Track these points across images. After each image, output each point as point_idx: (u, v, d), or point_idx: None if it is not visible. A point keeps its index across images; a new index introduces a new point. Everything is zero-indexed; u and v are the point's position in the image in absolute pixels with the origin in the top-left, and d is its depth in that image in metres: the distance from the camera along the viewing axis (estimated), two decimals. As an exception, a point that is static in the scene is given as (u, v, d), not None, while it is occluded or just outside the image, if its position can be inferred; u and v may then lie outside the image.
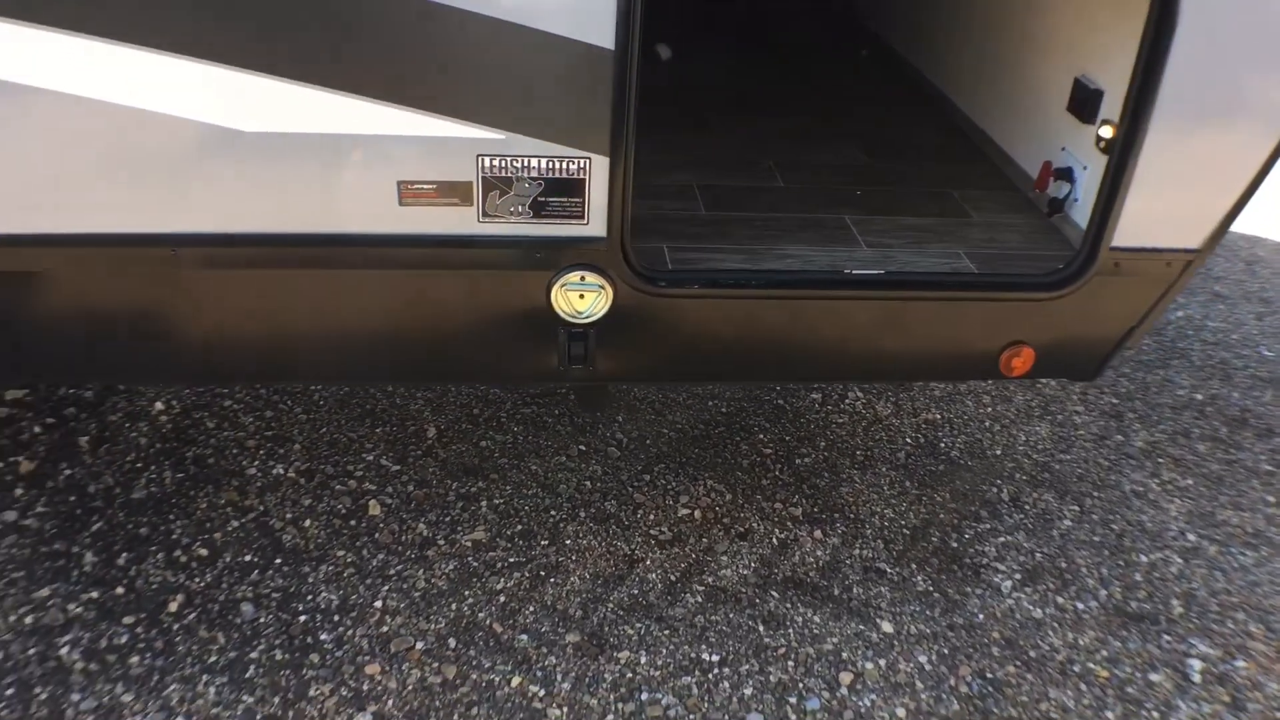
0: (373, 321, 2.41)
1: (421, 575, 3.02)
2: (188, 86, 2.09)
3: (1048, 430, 3.81)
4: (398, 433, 3.56)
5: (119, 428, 3.48)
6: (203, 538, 3.08)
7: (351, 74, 2.09)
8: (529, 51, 2.04)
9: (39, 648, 2.70)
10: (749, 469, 3.51)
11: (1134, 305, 2.48)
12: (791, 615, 2.98)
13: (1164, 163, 2.27)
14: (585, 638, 2.86)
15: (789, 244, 2.57)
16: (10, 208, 2.18)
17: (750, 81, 3.92)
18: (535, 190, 2.20)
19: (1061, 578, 3.17)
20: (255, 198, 2.22)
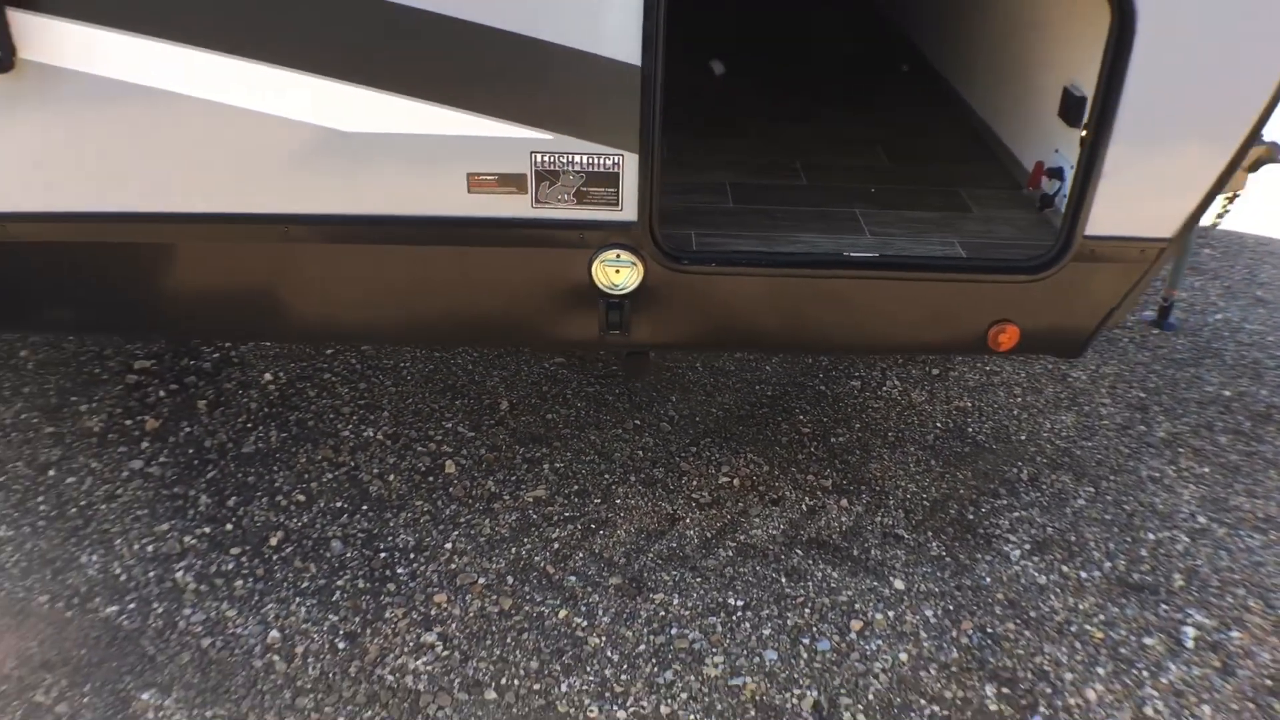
0: (443, 290, 2.84)
1: (487, 524, 3.43)
2: (300, 94, 2.54)
3: (1073, 419, 4.07)
4: (474, 404, 4.00)
5: (233, 394, 3.98)
6: (301, 486, 3.54)
7: (431, 85, 2.52)
8: (572, 67, 2.45)
9: (157, 571, 3.19)
10: (787, 445, 3.86)
11: (1111, 289, 2.77)
12: (812, 570, 3.32)
13: (1131, 161, 2.57)
14: (626, 581, 3.25)
15: (801, 233, 2.94)
16: (153, 190, 2.66)
17: (790, 92, 4.29)
18: (578, 181, 2.61)
19: (1069, 549, 3.45)
20: (352, 185, 2.66)
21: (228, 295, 2.90)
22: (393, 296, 2.87)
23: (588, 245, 2.67)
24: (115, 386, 3.97)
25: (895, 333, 2.90)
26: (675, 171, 3.30)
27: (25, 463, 3.57)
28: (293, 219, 2.71)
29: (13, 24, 2.45)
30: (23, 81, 2.51)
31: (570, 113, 2.52)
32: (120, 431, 3.74)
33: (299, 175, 2.65)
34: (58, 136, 2.60)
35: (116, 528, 3.32)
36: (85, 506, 3.40)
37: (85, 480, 3.50)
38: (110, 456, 3.62)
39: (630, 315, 2.77)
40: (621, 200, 2.61)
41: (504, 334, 3.06)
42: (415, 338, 3.54)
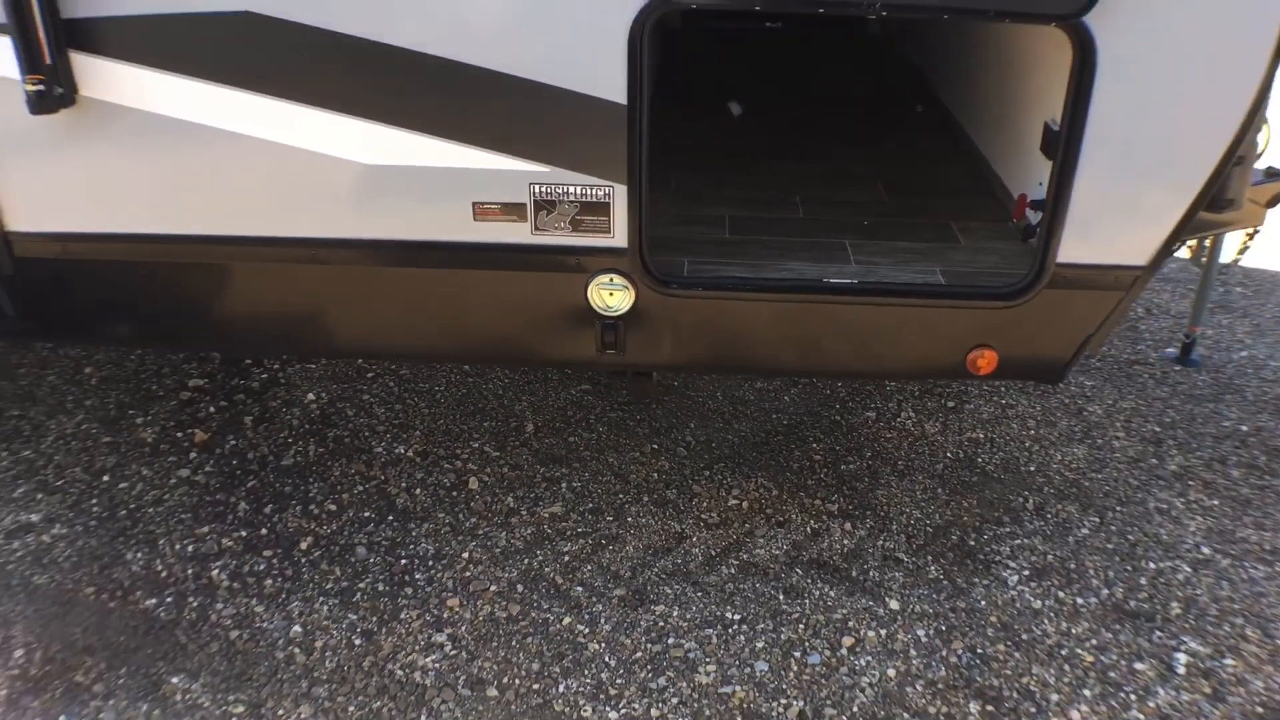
0: (454, 310, 3.06)
1: (503, 536, 3.63)
2: (327, 130, 2.79)
3: (1085, 452, 4.15)
4: (501, 426, 4.21)
5: (277, 411, 4.25)
6: (333, 497, 3.78)
7: (441, 123, 2.76)
8: (565, 107, 2.66)
9: (195, 569, 3.44)
10: (798, 471, 4.00)
11: (1087, 315, 2.89)
12: (810, 589, 3.45)
13: (1099, 190, 2.70)
14: (630, 593, 3.41)
15: (790, 261, 3.11)
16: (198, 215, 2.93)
17: (804, 131, 4.47)
18: (573, 210, 2.81)
19: (1068, 576, 3.53)
20: (373, 213, 2.91)
21: (263, 312, 3.16)
22: (408, 315, 3.10)
23: (584, 269, 2.88)
24: (170, 402, 4.26)
25: (876, 356, 3.05)
26: (678, 204, 3.50)
27: (83, 468, 3.86)
28: (321, 243, 2.96)
29: (75, 65, 2.75)
30: (84, 116, 2.81)
31: (564, 148, 2.74)
32: (171, 442, 4.02)
33: (326, 203, 2.90)
34: (114, 165, 2.89)
35: (161, 529, 3.58)
36: (134, 509, 3.67)
37: (136, 486, 3.78)
38: (160, 465, 3.90)
39: (625, 335, 2.96)
40: (613, 228, 2.81)
41: (510, 351, 3.27)
42: (430, 354, 3.77)
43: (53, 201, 2.96)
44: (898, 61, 5.61)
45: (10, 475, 3.87)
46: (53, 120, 2.77)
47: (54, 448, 4.01)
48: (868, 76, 5.42)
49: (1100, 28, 2.51)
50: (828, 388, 4.48)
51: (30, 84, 2.67)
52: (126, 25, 2.70)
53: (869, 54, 5.79)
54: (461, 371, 4.53)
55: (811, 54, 5.63)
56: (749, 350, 3.07)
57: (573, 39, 2.60)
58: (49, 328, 3.34)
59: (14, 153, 2.88)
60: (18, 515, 3.66)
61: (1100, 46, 2.53)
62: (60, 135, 2.82)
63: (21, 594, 3.33)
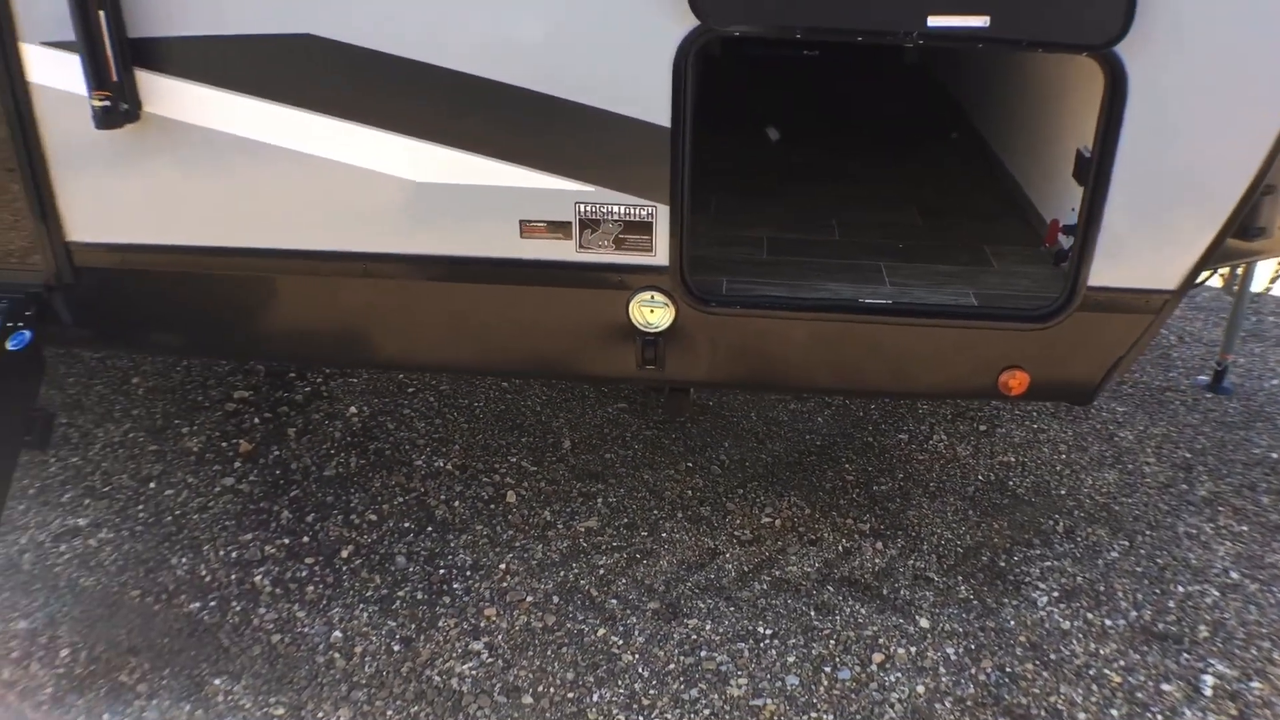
0: (498, 324, 3.14)
1: (540, 549, 3.70)
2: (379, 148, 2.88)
3: (1115, 476, 4.18)
4: (539, 442, 4.29)
5: (320, 423, 4.34)
6: (373, 507, 3.86)
7: (490, 142, 2.84)
8: (611, 129, 2.74)
9: (238, 574, 3.52)
10: (830, 491, 4.06)
11: (1118, 338, 2.94)
12: (841, 606, 3.50)
13: (1130, 214, 2.75)
14: (663, 606, 3.47)
15: (826, 282, 3.18)
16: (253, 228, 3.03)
17: (840, 156, 4.55)
18: (617, 229, 2.90)
19: (1097, 598, 3.56)
20: (422, 229, 2.99)
21: (311, 324, 3.25)
22: (453, 329, 3.18)
23: (626, 287, 2.96)
24: (215, 412, 4.37)
25: (909, 376, 3.11)
26: (718, 225, 3.58)
27: (130, 476, 3.97)
28: (372, 257, 3.05)
29: (140, 82, 2.85)
30: (147, 131, 2.91)
31: (610, 168, 2.82)
32: (216, 452, 4.12)
33: (378, 218, 2.99)
34: (174, 179, 2.99)
35: (205, 535, 3.68)
36: (179, 516, 3.77)
37: (181, 493, 3.88)
38: (206, 473, 4.00)
39: (664, 352, 3.04)
40: (655, 247, 2.89)
41: (552, 366, 3.34)
42: (473, 368, 3.85)
43: (113, 213, 3.06)
44: (933, 89, 5.68)
45: (58, 481, 3.97)
46: (117, 135, 2.87)
47: (101, 455, 4.12)
48: (903, 103, 5.50)
49: (1131, 57, 2.57)
50: (860, 409, 4.54)
51: (97, 100, 2.77)
52: (190, 45, 2.81)
53: (905, 81, 5.88)
54: (500, 387, 4.62)
55: (848, 81, 5.72)
56: (785, 368, 3.14)
57: (621, 64, 2.69)
58: (103, 336, 3.44)
59: (78, 166, 2.98)
60: (65, 519, 3.77)
61: (1131, 75, 2.59)
62: (123, 150, 2.93)
63: (68, 595, 3.42)
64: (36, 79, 2.86)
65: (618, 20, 2.65)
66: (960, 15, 2.51)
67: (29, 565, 3.55)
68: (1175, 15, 2.53)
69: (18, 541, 3.66)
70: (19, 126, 2.91)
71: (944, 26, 2.51)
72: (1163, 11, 2.52)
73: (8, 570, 3.52)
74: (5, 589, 3.44)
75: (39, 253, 3.10)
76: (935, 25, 2.52)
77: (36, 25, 2.80)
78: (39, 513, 3.80)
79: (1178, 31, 2.56)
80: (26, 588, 3.46)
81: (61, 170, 2.99)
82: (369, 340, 3.28)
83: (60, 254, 3.09)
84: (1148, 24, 2.52)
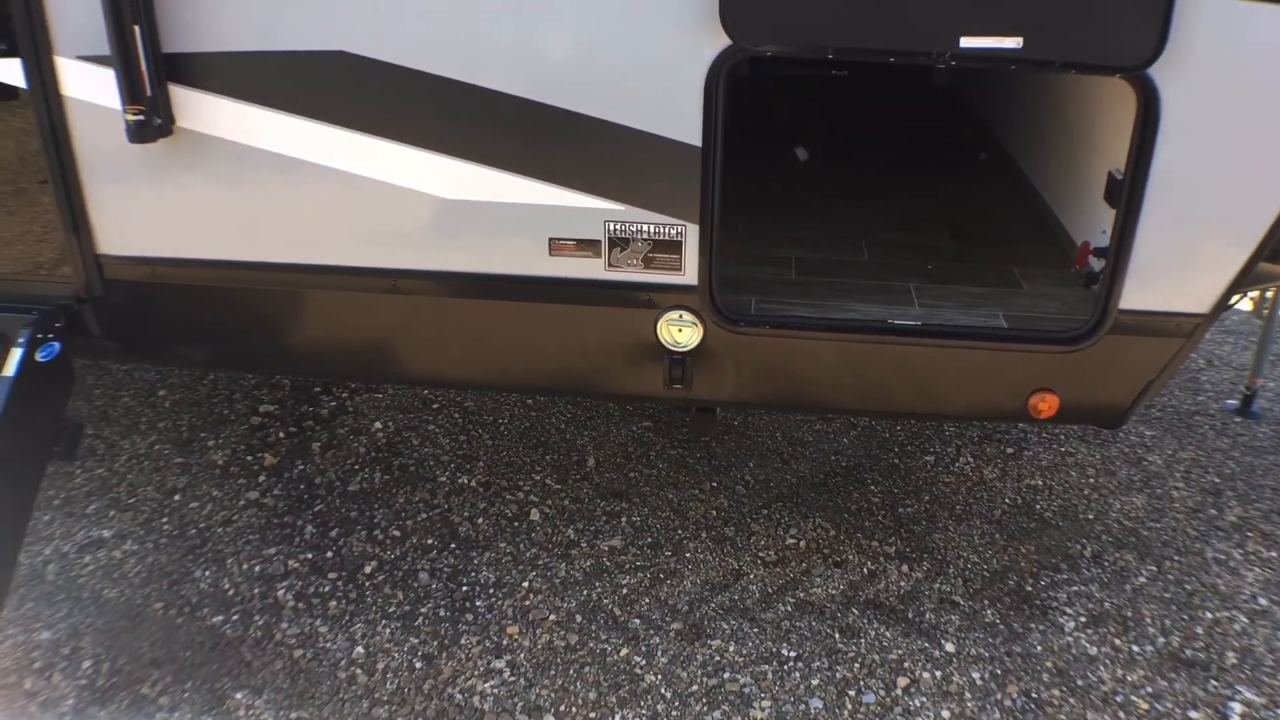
0: (526, 342, 3.14)
1: (563, 567, 3.68)
2: (409, 165, 2.89)
3: (1144, 501, 4.14)
4: (563, 460, 4.28)
5: (344, 438, 4.35)
6: (397, 523, 3.86)
7: (520, 160, 2.85)
8: (641, 147, 2.74)
9: (262, 588, 3.52)
10: (855, 512, 4.03)
11: (1148, 361, 2.91)
12: (866, 629, 3.47)
13: (1161, 237, 2.72)
14: (687, 626, 3.45)
15: (855, 303, 3.16)
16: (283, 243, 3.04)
17: (869, 177, 4.54)
18: (646, 248, 2.89)
19: (1124, 624, 3.52)
20: (451, 245, 2.99)
21: (339, 339, 3.26)
22: (483, 346, 3.18)
23: (654, 306, 2.95)
24: (241, 426, 4.38)
25: (938, 398, 3.09)
26: (747, 245, 3.57)
27: (155, 488, 3.98)
28: (400, 273, 3.06)
29: (174, 97, 2.87)
30: (179, 146, 2.92)
31: (640, 187, 2.82)
32: (241, 465, 4.13)
33: (407, 235, 2.99)
34: (205, 193, 3.01)
35: (229, 548, 3.68)
36: (204, 529, 3.77)
37: (206, 506, 3.89)
38: (230, 487, 4.00)
39: (692, 371, 3.02)
40: (684, 266, 2.88)
41: (578, 384, 3.34)
42: (499, 385, 3.85)
43: (144, 227, 3.08)
44: (962, 109, 5.67)
45: (84, 492, 3.99)
46: (149, 149, 2.89)
47: (127, 467, 4.14)
48: (932, 124, 5.48)
49: (1164, 79, 2.56)
50: (886, 431, 4.52)
51: (131, 114, 2.79)
52: (224, 61, 2.83)
53: (934, 102, 5.86)
54: (525, 405, 4.62)
55: (877, 101, 5.71)
56: (813, 389, 3.12)
57: (652, 83, 2.69)
58: (132, 348, 3.45)
59: (110, 179, 3.00)
60: (90, 531, 3.78)
61: (1164, 98, 2.57)
62: (156, 164, 2.95)
63: (92, 607, 3.43)
64: (71, 92, 2.89)
65: (650, 39, 2.65)
66: (993, 36, 2.50)
67: (53, 576, 3.56)
68: (1209, 37, 2.51)
69: (42, 552, 3.67)
70: (52, 139, 2.94)
71: (977, 48, 2.50)
72: (1196, 33, 2.50)
73: (32, 581, 3.53)
74: (30, 599, 3.45)
75: (69, 265, 3.12)
76: (968, 46, 2.51)
77: (72, 39, 2.82)
78: (64, 524, 3.81)
79: (1211, 54, 2.54)
80: (50, 598, 3.47)
81: (93, 183, 3.01)
82: (395, 356, 3.28)
83: (90, 266, 3.11)
84: (1181, 46, 2.50)
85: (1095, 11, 2.47)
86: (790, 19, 2.57)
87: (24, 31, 2.82)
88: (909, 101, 5.78)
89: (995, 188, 4.38)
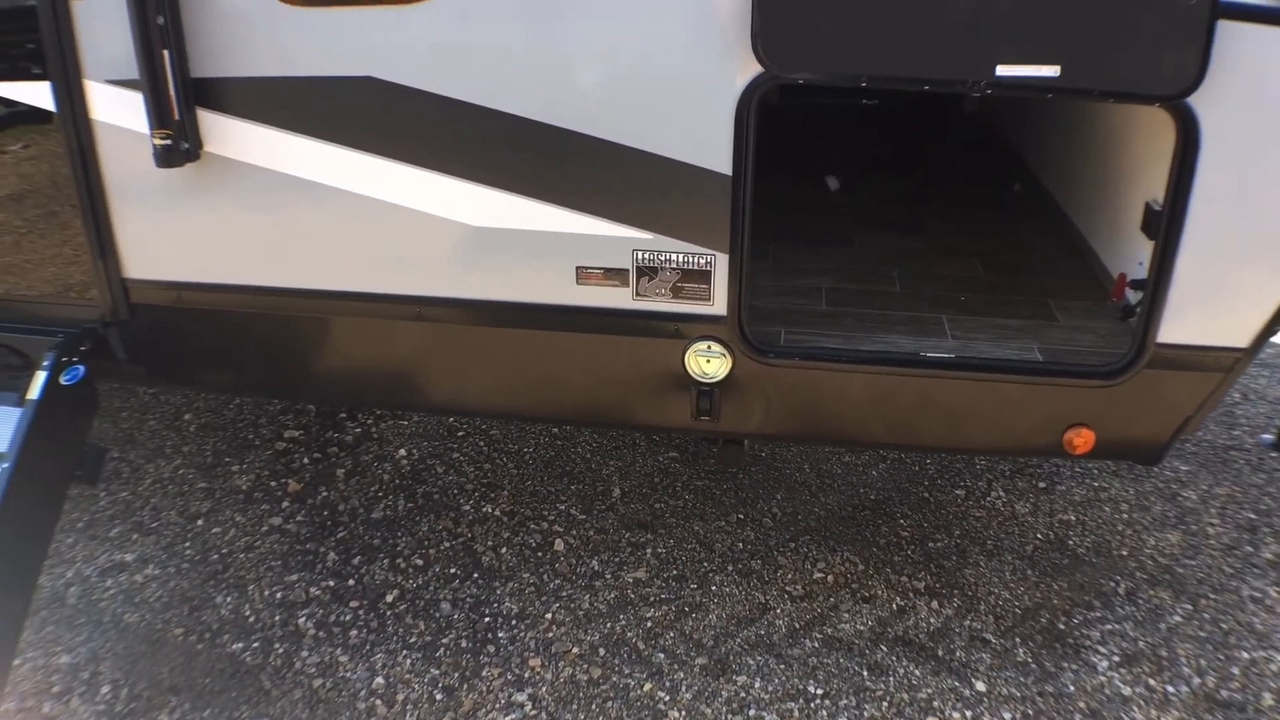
0: (552, 371, 3.10)
1: (587, 599, 3.64)
2: (436, 192, 2.87)
3: (1178, 537, 4.06)
4: (588, 490, 4.24)
5: (369, 465, 4.32)
6: (420, 552, 3.82)
7: (547, 187, 2.82)
8: (670, 176, 2.71)
9: (283, 616, 3.49)
10: (884, 546, 3.97)
11: (1186, 396, 2.84)
12: (895, 667, 3.40)
13: (1201, 270, 2.66)
14: (712, 661, 3.39)
15: (887, 334, 3.11)
16: (309, 269, 3.02)
17: (901, 207, 4.49)
18: (674, 277, 2.85)
19: (1159, 663, 3.44)
20: (478, 273, 2.97)
21: (364, 365, 3.23)
22: (506, 374, 3.15)
23: (682, 336, 2.91)
24: (265, 451, 4.36)
25: (971, 432, 3.03)
26: (776, 275, 3.53)
27: (178, 512, 3.96)
28: (426, 300, 3.03)
29: (202, 121, 2.87)
30: (207, 170, 2.93)
31: (669, 216, 2.78)
32: (265, 491, 4.11)
33: (433, 262, 2.97)
34: (232, 218, 3.01)
35: (251, 575, 3.66)
36: (226, 554, 3.75)
37: (229, 531, 3.87)
38: (253, 512, 3.98)
39: (720, 402, 2.98)
40: (713, 296, 2.84)
41: (604, 414, 3.29)
42: (524, 414, 3.81)
43: (171, 251, 3.07)
44: (994, 138, 5.62)
45: (107, 515, 3.98)
46: (176, 174, 2.88)
47: (151, 490, 4.13)
48: (965, 153, 5.43)
49: (1204, 108, 2.51)
50: (916, 464, 4.45)
51: (159, 138, 2.79)
52: (252, 86, 2.82)
53: (966, 131, 5.82)
54: (550, 434, 4.58)
55: (908, 130, 5.67)
56: (843, 422, 3.07)
57: (683, 111, 2.66)
58: (157, 372, 3.44)
59: (137, 204, 3.00)
60: (112, 554, 3.77)
61: (1204, 127, 2.52)
62: (183, 188, 2.94)
63: (112, 631, 3.41)
64: (99, 116, 2.89)
65: (681, 66, 2.62)
66: (1030, 65, 2.45)
67: (74, 599, 3.55)
68: (1250, 66, 2.46)
69: (64, 575, 3.66)
70: (81, 163, 2.94)
71: (1014, 76, 2.46)
72: (1237, 62, 2.45)
73: (53, 604, 3.52)
74: (50, 622, 3.44)
75: (96, 288, 3.11)
76: (1004, 75, 2.47)
77: (101, 64, 2.84)
78: (86, 547, 3.80)
79: (1252, 83, 2.49)
80: (71, 622, 3.45)
81: (121, 207, 3.02)
82: (420, 383, 3.26)
83: (117, 290, 3.11)
84: (1222, 74, 2.45)
85: (1134, 40, 2.43)
86: (823, 47, 2.53)
87: (54, 56, 2.83)
88: (940, 129, 5.74)
89: (1029, 217, 4.33)
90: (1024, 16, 2.43)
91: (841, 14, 2.49)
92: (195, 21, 2.76)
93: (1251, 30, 2.45)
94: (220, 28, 2.77)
